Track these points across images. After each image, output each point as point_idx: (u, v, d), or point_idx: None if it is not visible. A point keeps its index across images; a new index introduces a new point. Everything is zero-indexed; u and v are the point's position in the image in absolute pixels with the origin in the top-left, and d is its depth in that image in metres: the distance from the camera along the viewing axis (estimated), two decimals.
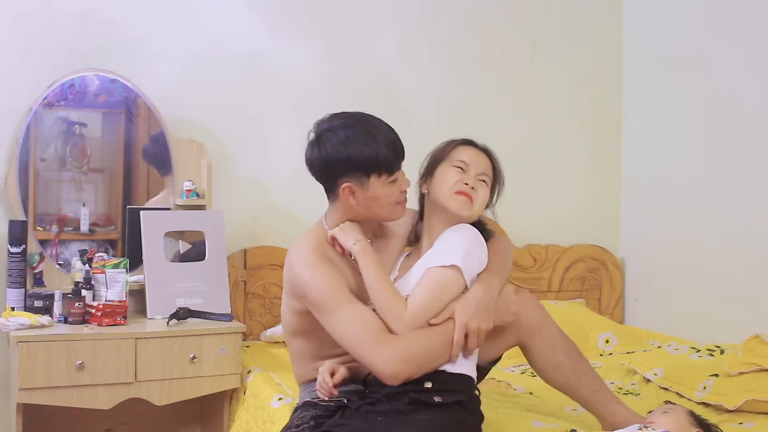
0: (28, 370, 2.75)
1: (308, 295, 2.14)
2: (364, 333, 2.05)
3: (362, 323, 2.07)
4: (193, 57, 3.44)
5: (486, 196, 2.25)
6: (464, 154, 2.25)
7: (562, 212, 4.04)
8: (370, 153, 2.13)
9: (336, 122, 2.19)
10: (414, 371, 2.03)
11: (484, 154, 2.29)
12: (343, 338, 2.10)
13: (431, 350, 2.06)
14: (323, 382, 2.13)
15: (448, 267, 2.10)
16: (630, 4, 4.09)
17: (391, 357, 2.01)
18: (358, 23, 3.71)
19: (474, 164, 2.24)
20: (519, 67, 3.98)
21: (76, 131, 3.28)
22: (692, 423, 2.16)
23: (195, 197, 3.31)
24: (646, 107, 4.00)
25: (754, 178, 3.43)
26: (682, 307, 3.74)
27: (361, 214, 2.21)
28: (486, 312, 2.13)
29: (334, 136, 2.15)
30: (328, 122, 2.20)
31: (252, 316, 3.46)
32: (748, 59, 3.47)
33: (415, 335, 2.06)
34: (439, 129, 3.87)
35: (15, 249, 3.03)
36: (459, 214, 2.19)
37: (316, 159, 2.18)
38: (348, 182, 2.15)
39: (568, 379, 2.30)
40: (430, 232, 2.25)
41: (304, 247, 2.20)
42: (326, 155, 2.15)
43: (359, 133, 2.14)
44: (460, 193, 2.19)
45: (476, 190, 2.21)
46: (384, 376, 2.03)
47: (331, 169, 2.17)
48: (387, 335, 2.06)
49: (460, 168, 2.22)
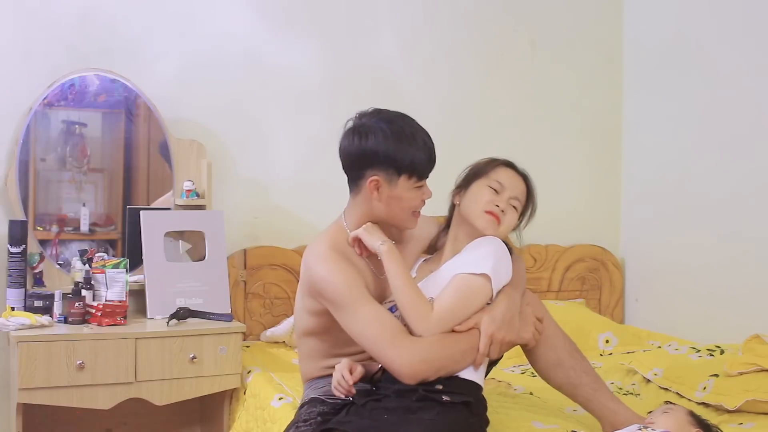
0: (28, 370, 2.75)
1: (326, 293, 2.13)
2: (383, 331, 2.05)
3: (381, 322, 2.07)
4: (193, 57, 3.44)
5: (514, 221, 2.26)
6: (502, 176, 2.27)
7: (562, 212, 4.04)
8: (408, 153, 2.14)
9: (381, 116, 2.19)
10: (432, 373, 2.04)
11: (521, 178, 2.30)
12: (360, 336, 2.09)
13: (451, 355, 2.07)
14: (342, 380, 2.11)
15: (479, 275, 2.11)
16: (630, 4, 4.10)
17: (410, 356, 2.02)
18: (358, 23, 3.71)
19: (510, 187, 2.25)
20: (519, 67, 3.98)
21: (76, 131, 3.28)
22: (692, 423, 2.16)
23: (195, 197, 3.31)
24: (646, 107, 4.00)
25: (754, 178, 3.43)
26: (682, 307, 3.74)
27: (379, 213, 2.21)
28: (511, 324, 2.16)
29: (377, 129, 2.16)
30: (372, 116, 2.20)
31: (252, 316, 3.46)
32: (748, 59, 3.47)
33: (436, 339, 2.07)
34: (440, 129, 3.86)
35: (15, 249, 3.03)
36: (484, 233, 2.21)
37: (355, 148, 2.18)
38: (377, 176, 2.16)
39: (569, 378, 2.30)
40: (454, 242, 2.27)
41: (321, 246, 2.20)
42: (366, 146, 2.16)
43: (403, 132, 2.16)
44: (489, 213, 2.21)
45: (505, 214, 2.22)
46: (401, 374, 2.03)
47: (365, 160, 2.17)
48: (406, 335, 2.07)
49: (495, 189, 2.23)
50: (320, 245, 2.20)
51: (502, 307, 2.15)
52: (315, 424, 2.12)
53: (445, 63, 3.85)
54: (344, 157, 2.23)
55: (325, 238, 2.23)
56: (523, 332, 2.23)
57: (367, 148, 2.16)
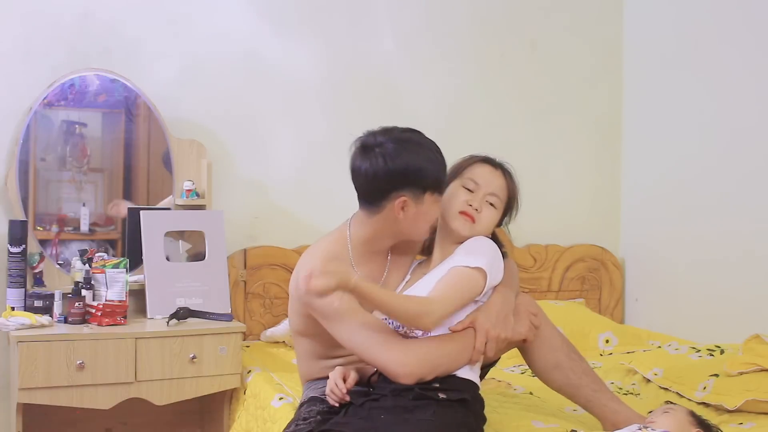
0: (28, 370, 2.75)
1: (314, 305, 2.13)
2: (374, 336, 2.06)
3: (370, 327, 2.07)
4: (193, 57, 3.44)
5: (492, 218, 2.24)
6: (477, 173, 2.25)
7: (562, 212, 4.04)
8: (431, 171, 2.12)
9: (398, 136, 2.14)
10: (428, 371, 2.04)
11: (499, 173, 2.27)
12: (352, 344, 2.10)
13: (447, 353, 2.07)
14: (335, 388, 2.12)
15: (473, 268, 2.11)
16: (630, 4, 4.09)
17: (404, 356, 2.03)
18: (358, 23, 3.70)
19: (485, 184, 2.23)
20: (519, 67, 3.98)
21: (76, 131, 3.28)
22: (692, 423, 2.16)
23: (195, 197, 3.31)
24: (646, 107, 4.00)
25: (754, 178, 3.43)
26: (682, 307, 3.74)
27: (401, 230, 2.18)
28: (506, 321, 2.16)
29: (401, 148, 2.10)
30: (387, 134, 2.14)
31: (252, 316, 3.46)
32: (748, 59, 3.47)
33: (430, 338, 2.08)
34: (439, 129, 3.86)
35: (15, 249, 3.03)
36: (460, 234, 2.20)
37: (381, 169, 2.10)
38: (405, 196, 2.11)
39: (568, 379, 2.30)
40: (441, 244, 2.26)
41: (314, 259, 2.17)
42: (393, 166, 2.09)
43: (426, 149, 2.13)
44: (462, 213, 2.19)
45: (480, 212, 2.20)
46: (398, 374, 2.03)
47: (392, 180, 2.11)
48: (398, 337, 2.08)
49: (469, 189, 2.22)
50: (313, 257, 2.19)
51: (497, 305, 2.16)
52: (314, 423, 2.12)
53: (445, 63, 3.85)
54: (366, 179, 2.13)
55: (322, 249, 2.22)
56: (519, 327, 2.22)
57: (394, 169, 2.09)
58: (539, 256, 3.95)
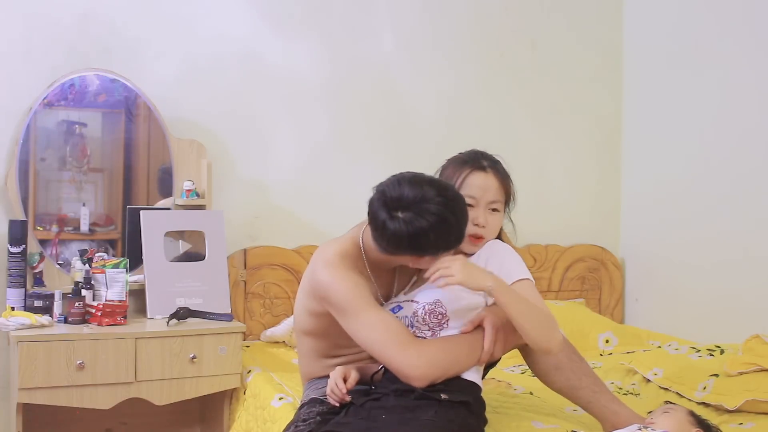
0: (28, 370, 2.75)
1: (330, 297, 2.12)
2: (389, 335, 2.05)
3: (387, 326, 2.06)
4: (194, 57, 3.44)
5: (498, 222, 2.25)
6: (472, 185, 2.21)
7: (562, 212, 4.04)
8: (445, 247, 2.06)
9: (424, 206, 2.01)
10: (440, 374, 2.05)
11: (491, 175, 2.24)
12: (365, 340, 2.09)
13: (457, 356, 2.08)
14: (336, 388, 2.12)
15: (525, 279, 2.18)
16: (630, 4, 4.09)
17: (419, 359, 2.02)
18: (358, 23, 3.70)
19: (483, 195, 2.21)
20: (519, 67, 3.98)
21: (76, 131, 3.28)
22: (692, 423, 2.16)
23: (195, 197, 3.31)
24: (646, 107, 4.00)
25: (754, 177, 3.43)
26: (682, 307, 3.74)
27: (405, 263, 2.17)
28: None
29: (422, 221, 2.00)
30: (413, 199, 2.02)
31: (252, 316, 3.46)
32: (749, 59, 3.47)
33: (442, 341, 2.08)
34: (439, 129, 3.91)
35: (15, 249, 3.03)
36: (467, 253, 2.20)
37: (400, 233, 2.01)
38: (415, 255, 2.08)
39: (569, 380, 2.30)
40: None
41: (330, 253, 2.16)
42: (409, 241, 2.02)
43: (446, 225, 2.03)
44: (471, 237, 2.18)
45: (486, 226, 2.20)
46: (411, 377, 2.02)
47: (407, 247, 2.04)
48: (412, 338, 2.07)
49: (470, 204, 2.17)
50: (329, 252, 2.18)
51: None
52: (314, 424, 2.12)
53: (445, 63, 3.85)
54: (383, 235, 2.05)
55: (337, 245, 2.20)
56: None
57: (410, 244, 2.03)
58: (539, 256, 3.95)
